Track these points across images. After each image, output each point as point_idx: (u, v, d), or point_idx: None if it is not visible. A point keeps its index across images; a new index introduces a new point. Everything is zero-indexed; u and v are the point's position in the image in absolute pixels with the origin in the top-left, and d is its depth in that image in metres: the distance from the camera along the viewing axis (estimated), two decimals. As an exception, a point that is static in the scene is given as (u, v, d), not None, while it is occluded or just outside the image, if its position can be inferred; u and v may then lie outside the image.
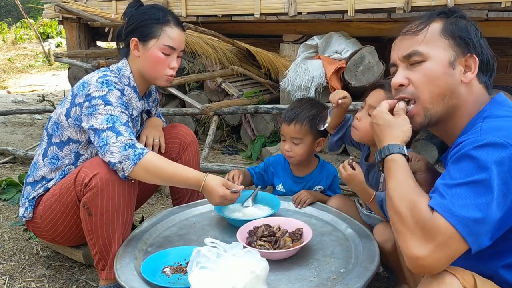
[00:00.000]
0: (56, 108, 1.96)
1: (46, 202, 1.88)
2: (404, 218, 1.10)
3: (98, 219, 1.72)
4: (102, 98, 1.77)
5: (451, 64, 1.22)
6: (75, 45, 5.43)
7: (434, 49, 1.23)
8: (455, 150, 1.13)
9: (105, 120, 1.74)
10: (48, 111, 4.92)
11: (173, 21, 1.93)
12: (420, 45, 1.24)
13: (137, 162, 1.70)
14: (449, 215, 1.03)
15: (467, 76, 1.23)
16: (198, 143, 2.28)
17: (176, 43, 1.91)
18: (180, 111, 4.01)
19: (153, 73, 1.92)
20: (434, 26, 1.25)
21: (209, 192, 1.76)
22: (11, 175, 3.34)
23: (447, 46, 1.23)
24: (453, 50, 1.23)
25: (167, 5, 4.43)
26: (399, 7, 3.38)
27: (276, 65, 4.01)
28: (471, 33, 1.24)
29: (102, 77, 1.83)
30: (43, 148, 1.96)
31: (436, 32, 1.24)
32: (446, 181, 1.09)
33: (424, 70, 1.24)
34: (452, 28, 1.24)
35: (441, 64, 1.22)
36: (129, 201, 1.77)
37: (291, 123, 2.06)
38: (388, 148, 1.24)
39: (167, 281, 1.52)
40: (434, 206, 1.06)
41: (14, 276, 2.08)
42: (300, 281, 1.49)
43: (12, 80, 9.03)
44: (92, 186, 1.69)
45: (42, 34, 12.69)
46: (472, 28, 1.25)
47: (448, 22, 1.25)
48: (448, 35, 1.23)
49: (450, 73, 1.22)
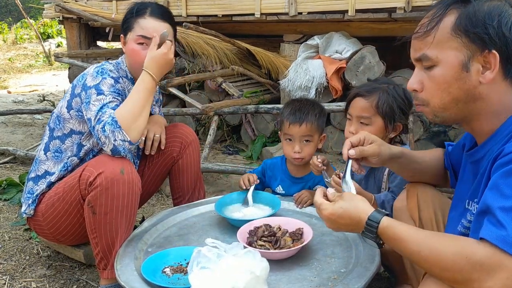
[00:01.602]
0: (58, 103, 2.00)
1: (48, 200, 1.88)
2: (458, 270, 0.99)
3: (102, 218, 1.73)
4: (95, 87, 1.83)
5: (465, 67, 1.11)
6: (76, 45, 5.43)
7: (444, 52, 1.12)
8: (502, 161, 1.03)
9: (96, 111, 1.78)
10: (48, 111, 4.92)
11: (149, 12, 1.95)
12: (430, 48, 1.14)
13: (114, 117, 1.73)
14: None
15: (486, 76, 1.11)
16: (199, 142, 2.28)
17: (148, 32, 1.92)
18: (181, 111, 4.01)
19: (133, 65, 1.97)
20: (445, 22, 1.12)
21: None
22: (11, 175, 3.34)
23: (460, 46, 1.11)
24: (467, 48, 1.10)
25: (167, 5, 4.43)
26: (400, 7, 3.38)
27: (276, 65, 4.01)
28: (491, 22, 1.08)
29: (99, 66, 1.91)
30: (44, 142, 1.98)
31: (447, 30, 1.12)
32: (501, 202, 0.98)
33: (434, 77, 1.15)
34: (466, 23, 1.09)
35: (452, 68, 1.12)
36: (133, 201, 1.78)
37: (302, 123, 2.07)
38: (368, 224, 1.18)
39: (167, 281, 1.52)
40: (492, 240, 0.96)
41: (14, 276, 2.08)
42: (301, 281, 1.49)
43: (13, 80, 9.04)
44: (97, 185, 1.70)
45: (43, 34, 12.70)
46: (496, 13, 1.08)
47: (463, 13, 1.11)
48: (461, 32, 1.10)
49: (464, 77, 1.12)
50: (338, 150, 3.82)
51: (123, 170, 1.72)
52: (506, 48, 1.09)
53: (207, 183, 3.16)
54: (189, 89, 4.39)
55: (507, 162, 1.02)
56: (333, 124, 3.83)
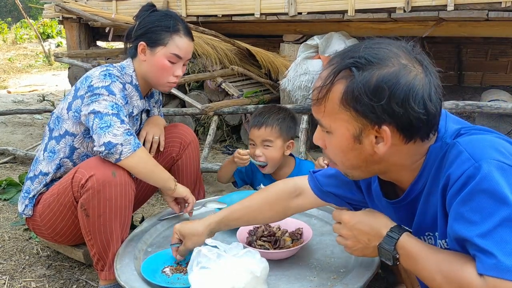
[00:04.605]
0: (59, 103, 1.98)
1: (45, 201, 1.88)
2: None
3: (95, 220, 1.72)
4: (105, 88, 1.79)
5: (357, 139, 1.05)
6: (75, 45, 5.42)
7: (336, 123, 1.06)
8: (454, 188, 0.98)
9: (110, 106, 1.76)
10: (48, 111, 4.91)
11: (183, 30, 1.94)
12: (324, 117, 1.08)
13: (136, 150, 1.73)
14: (508, 275, 0.90)
15: (379, 147, 1.05)
16: (199, 142, 2.28)
17: (183, 52, 1.93)
18: (180, 111, 4.00)
19: (156, 79, 1.94)
20: (334, 93, 1.04)
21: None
22: (11, 175, 3.34)
23: (350, 118, 1.04)
24: (358, 121, 1.03)
25: (167, 5, 4.43)
26: (399, 7, 3.38)
27: (276, 65, 4.01)
28: (378, 101, 0.99)
29: (105, 71, 1.86)
30: (44, 143, 1.97)
31: (336, 102, 1.04)
32: (475, 231, 0.94)
33: (331, 143, 1.11)
34: (356, 96, 1.01)
35: (346, 140, 1.07)
36: (127, 202, 1.77)
37: (261, 126, 2.09)
38: (388, 235, 1.12)
39: (167, 281, 1.52)
40: (487, 273, 0.92)
41: (14, 276, 2.08)
42: (300, 281, 1.49)
43: (12, 80, 9.03)
44: (88, 187, 1.69)
45: (42, 34, 12.68)
46: (387, 86, 0.98)
47: (349, 86, 1.02)
48: (349, 106, 1.02)
49: (357, 148, 1.07)
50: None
51: (115, 172, 1.72)
52: (399, 120, 1.01)
53: (207, 183, 3.16)
54: (189, 89, 4.38)
55: (460, 187, 0.98)
56: (333, 124, 3.83)
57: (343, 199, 1.45)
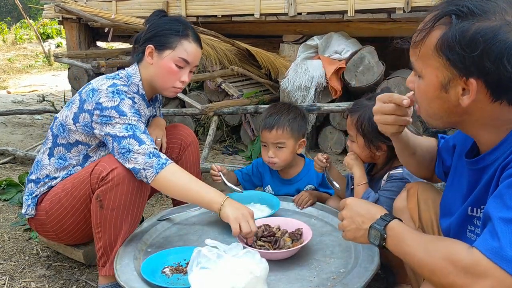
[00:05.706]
0: (63, 109, 1.96)
1: (54, 197, 1.88)
2: (445, 275, 1.00)
3: (108, 213, 1.74)
4: (115, 109, 1.77)
5: (444, 88, 1.06)
6: (75, 45, 5.43)
7: (427, 68, 1.08)
8: (510, 171, 0.99)
9: (124, 128, 1.75)
10: (48, 111, 4.92)
11: (193, 36, 1.95)
12: (417, 60, 1.11)
13: (159, 171, 1.71)
14: (502, 261, 0.91)
15: (464, 100, 1.05)
16: (198, 143, 2.28)
17: (191, 57, 1.93)
18: (180, 111, 4.01)
19: (162, 83, 1.94)
20: (431, 38, 1.05)
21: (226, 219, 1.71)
22: (11, 175, 3.34)
23: (441, 66, 1.05)
24: (447, 70, 1.04)
25: (167, 5, 4.43)
26: (399, 7, 3.38)
27: (276, 65, 4.01)
28: (470, 52, 0.98)
29: (112, 86, 1.82)
30: (48, 147, 1.96)
31: (431, 47, 1.05)
32: (501, 213, 0.95)
33: (419, 87, 1.14)
34: (450, 44, 1.01)
35: (433, 86, 1.08)
36: (141, 200, 1.79)
37: (273, 128, 2.08)
38: (381, 218, 1.20)
39: (167, 281, 1.52)
40: (482, 250, 0.94)
41: (14, 276, 2.08)
42: (300, 281, 1.49)
43: (12, 80, 9.03)
44: (109, 180, 1.71)
45: (42, 34, 12.67)
46: (484, 39, 0.96)
47: (446, 34, 1.02)
48: (443, 53, 1.03)
49: (443, 97, 1.08)
50: (338, 151, 3.82)
51: None
52: (489, 77, 0.99)
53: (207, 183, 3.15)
54: (189, 89, 4.39)
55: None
56: (333, 124, 3.83)
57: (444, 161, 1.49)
